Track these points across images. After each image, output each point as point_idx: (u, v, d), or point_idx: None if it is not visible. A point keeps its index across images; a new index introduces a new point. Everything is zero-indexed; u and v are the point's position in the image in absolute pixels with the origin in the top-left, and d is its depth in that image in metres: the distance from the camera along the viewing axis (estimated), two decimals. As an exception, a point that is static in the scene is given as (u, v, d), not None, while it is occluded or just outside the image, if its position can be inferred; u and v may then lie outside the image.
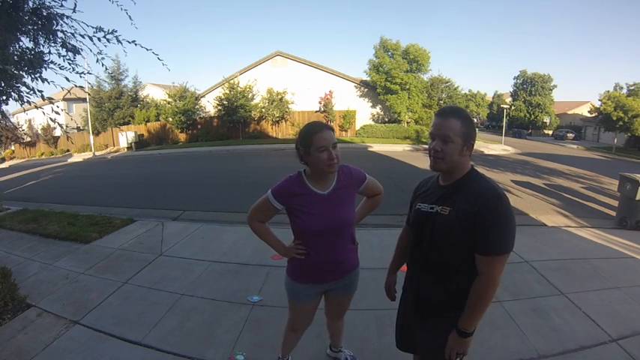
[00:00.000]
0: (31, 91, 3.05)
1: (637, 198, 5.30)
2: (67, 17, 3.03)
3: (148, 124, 24.17)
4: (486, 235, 1.25)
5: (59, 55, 3.14)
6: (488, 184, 1.32)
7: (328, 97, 21.96)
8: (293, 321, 2.02)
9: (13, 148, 29.88)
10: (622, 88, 25.89)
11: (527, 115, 36.96)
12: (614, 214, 6.20)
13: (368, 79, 22.59)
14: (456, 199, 1.34)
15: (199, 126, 23.65)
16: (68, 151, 26.26)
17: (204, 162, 14.89)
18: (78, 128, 27.71)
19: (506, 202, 1.27)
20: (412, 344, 1.60)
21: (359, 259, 1.93)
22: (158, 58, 3.67)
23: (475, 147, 1.50)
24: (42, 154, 27.28)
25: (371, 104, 23.85)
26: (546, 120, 36.83)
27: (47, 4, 2.98)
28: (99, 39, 3.11)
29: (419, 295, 1.49)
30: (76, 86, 3.33)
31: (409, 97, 21.31)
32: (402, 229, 1.77)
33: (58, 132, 26.39)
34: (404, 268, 1.69)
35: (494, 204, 1.26)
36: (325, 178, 1.71)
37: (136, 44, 3.34)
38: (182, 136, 23.77)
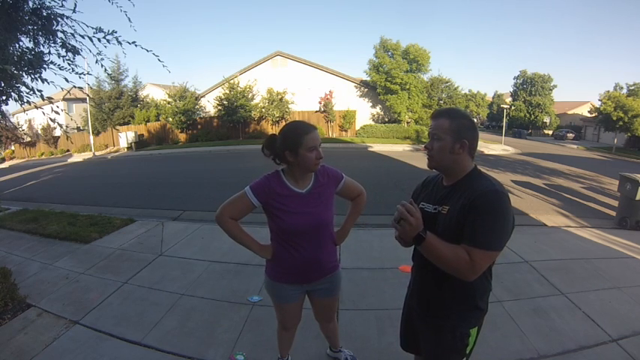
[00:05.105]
0: (31, 91, 3.06)
1: (637, 198, 5.30)
2: (67, 17, 3.04)
3: (148, 124, 24.18)
4: (475, 227, 1.20)
5: (59, 55, 3.15)
6: (488, 182, 1.29)
7: (328, 97, 21.95)
8: (281, 320, 2.03)
9: (13, 148, 29.89)
10: (622, 88, 25.92)
11: (527, 115, 36.94)
12: (614, 214, 6.20)
13: (368, 79, 22.58)
14: (454, 197, 1.33)
15: (199, 126, 23.64)
16: (68, 151, 26.28)
17: (204, 162, 14.88)
18: (78, 128, 27.71)
19: (503, 199, 1.23)
20: (416, 345, 1.60)
21: (339, 261, 1.93)
22: (159, 60, 3.69)
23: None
24: (42, 154, 27.29)
25: (371, 104, 23.85)
26: (546, 120, 36.81)
27: (47, 4, 2.99)
28: (99, 40, 3.12)
29: (422, 295, 1.49)
30: (75, 87, 3.34)
31: (409, 97, 21.31)
32: None
33: (58, 132, 26.41)
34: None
35: (489, 198, 1.22)
36: (304, 177, 1.71)
37: (136, 45, 3.34)
38: (182, 136, 23.76)
